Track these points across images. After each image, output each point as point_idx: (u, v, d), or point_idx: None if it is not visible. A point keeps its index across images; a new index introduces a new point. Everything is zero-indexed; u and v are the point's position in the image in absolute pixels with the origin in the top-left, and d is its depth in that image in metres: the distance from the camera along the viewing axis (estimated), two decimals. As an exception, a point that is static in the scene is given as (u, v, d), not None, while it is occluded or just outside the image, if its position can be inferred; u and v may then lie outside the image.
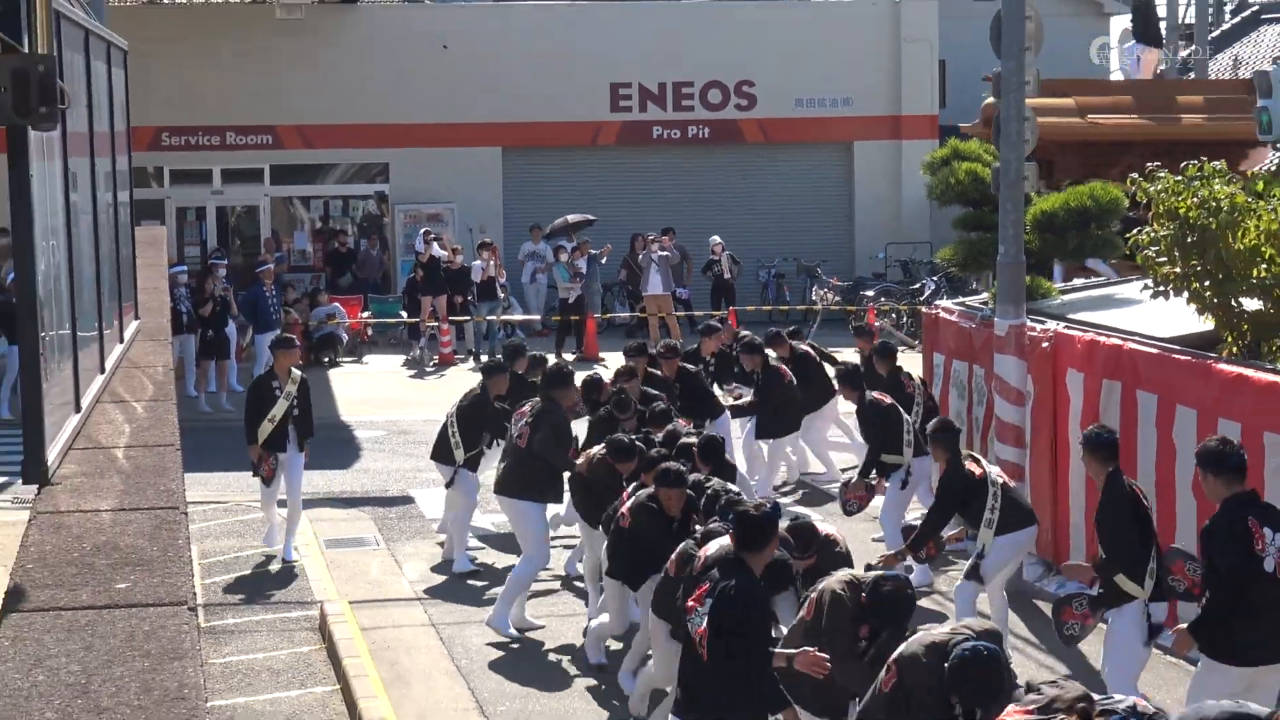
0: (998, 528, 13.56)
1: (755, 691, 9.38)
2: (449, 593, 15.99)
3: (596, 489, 14.25)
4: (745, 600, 9.24)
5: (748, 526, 9.59)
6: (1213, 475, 10.49)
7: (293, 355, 17.46)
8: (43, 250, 7.07)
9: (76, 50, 8.35)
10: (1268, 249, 14.94)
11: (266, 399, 16.75)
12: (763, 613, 9.53)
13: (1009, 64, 16.92)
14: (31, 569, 5.86)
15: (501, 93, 36.90)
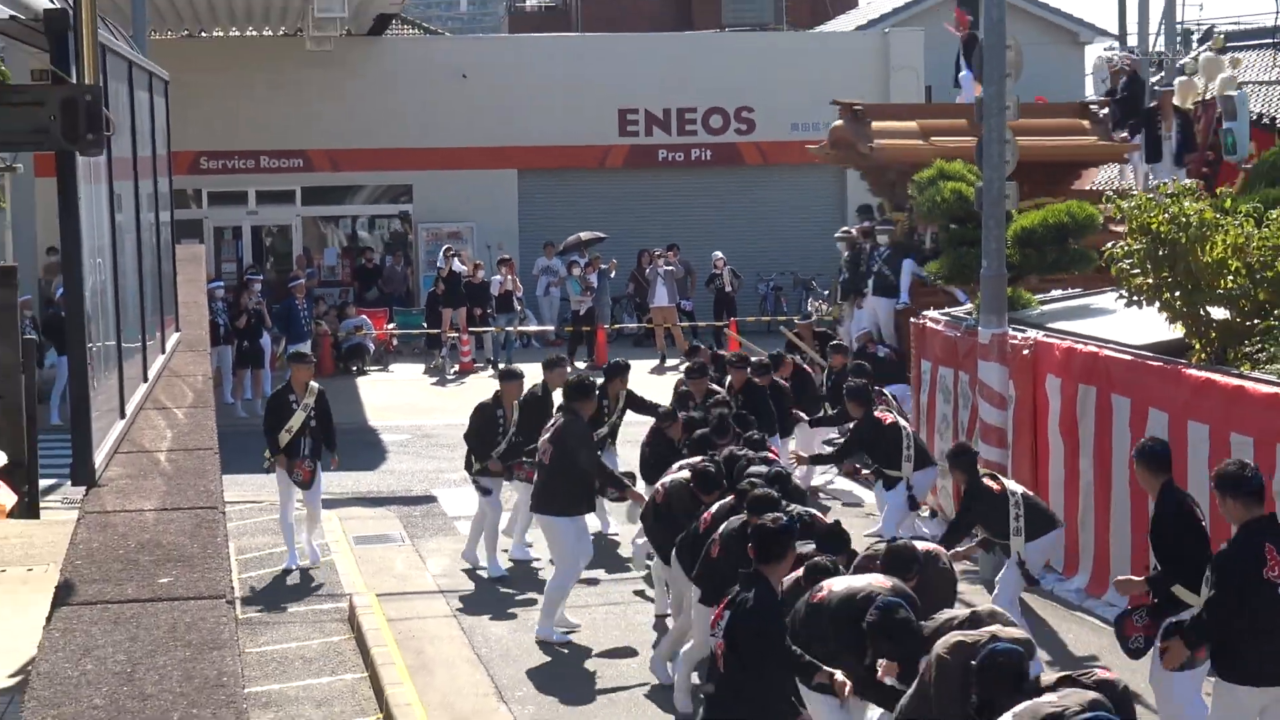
0: (1027, 535, 13.38)
1: (773, 703, 9.19)
2: (470, 586, 15.98)
3: (675, 516, 13.30)
4: (761, 613, 9.03)
5: (765, 539, 9.38)
6: (1231, 498, 10.08)
7: (308, 370, 17.06)
8: (90, 267, 7.08)
9: (121, 80, 8.35)
10: (1233, 262, 14.92)
11: (284, 411, 16.53)
12: (779, 624, 9.28)
13: (990, 90, 16.91)
14: (80, 565, 5.87)
15: (516, 119, 36.92)
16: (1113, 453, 14.94)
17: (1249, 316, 14.93)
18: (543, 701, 12.74)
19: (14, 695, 8.97)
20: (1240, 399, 13.16)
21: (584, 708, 12.61)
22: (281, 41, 37.44)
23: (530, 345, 34.18)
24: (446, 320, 31.95)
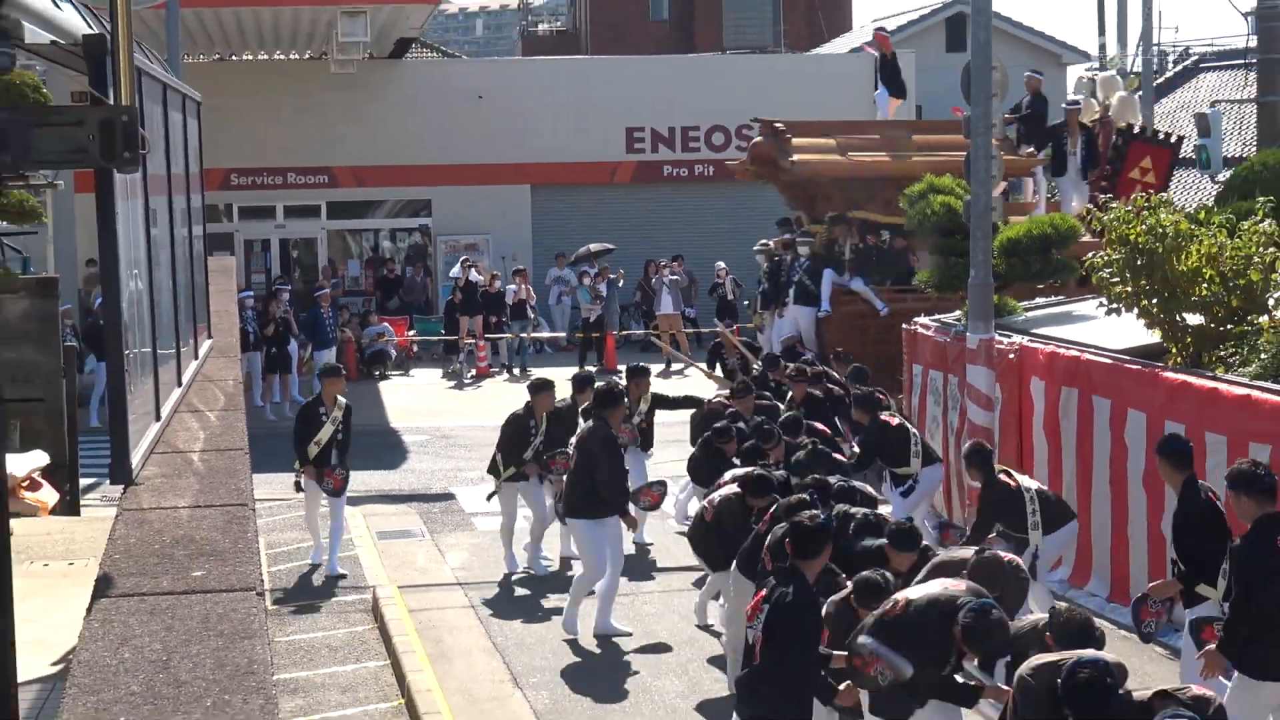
0: (1044, 529, 13.16)
1: (805, 692, 9.11)
2: (487, 579, 15.97)
3: (727, 530, 12.64)
4: (799, 606, 8.91)
5: (802, 536, 9.25)
6: (1245, 496, 9.91)
7: (339, 384, 16.68)
8: (127, 278, 7.09)
9: (156, 102, 8.37)
10: (1208, 270, 14.92)
11: (314, 423, 16.21)
12: (815, 618, 9.15)
13: (977, 109, 16.91)
14: (118, 559, 5.87)
15: (530, 137, 36.94)
16: (1094, 451, 14.94)
17: (1222, 322, 14.92)
18: (556, 688, 12.73)
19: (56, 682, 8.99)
20: (1214, 400, 13.15)
21: (595, 694, 12.60)
22: (307, 65, 37.50)
23: (543, 351, 34.27)
24: (464, 328, 31.99)
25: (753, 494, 12.40)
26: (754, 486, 12.45)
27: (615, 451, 14.26)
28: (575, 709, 12.25)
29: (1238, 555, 9.93)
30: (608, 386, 15.08)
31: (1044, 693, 8.08)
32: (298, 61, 37.93)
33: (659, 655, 13.42)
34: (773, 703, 9.02)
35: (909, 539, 10.85)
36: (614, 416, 14.43)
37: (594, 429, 14.22)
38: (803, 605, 8.96)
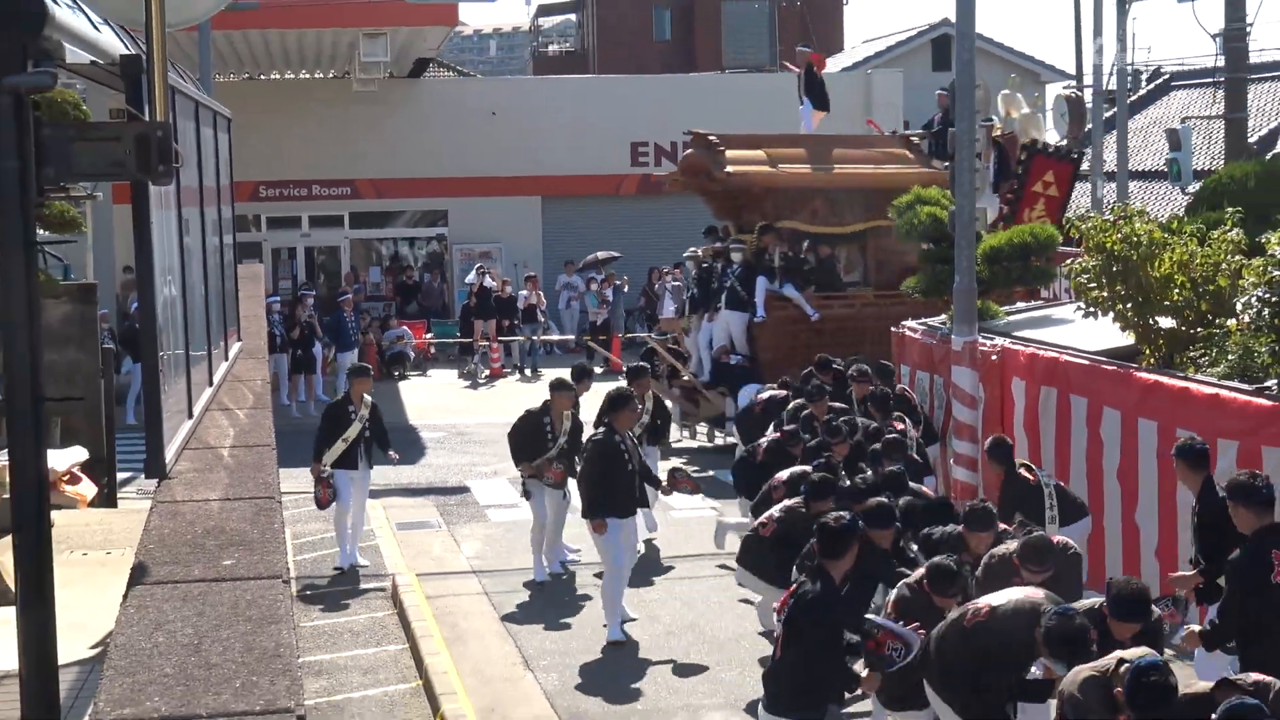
0: (1060, 522, 12.92)
1: (825, 688, 8.97)
2: (500, 567, 15.98)
3: (795, 541, 11.74)
4: (821, 604, 8.73)
5: (828, 536, 9.07)
6: (1243, 507, 9.74)
7: (366, 383, 16.31)
8: (161, 284, 7.08)
9: (188, 118, 8.37)
10: (1179, 277, 14.92)
11: (342, 421, 15.87)
12: (836, 616, 8.94)
13: (962, 125, 16.90)
14: (153, 549, 5.87)
15: (540, 152, 36.96)
16: (1071, 447, 14.93)
17: (1193, 325, 14.91)
18: (565, 669, 12.74)
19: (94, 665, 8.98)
20: (1185, 399, 13.15)
21: (602, 676, 12.61)
22: (331, 83, 37.52)
23: (553, 353, 34.29)
24: (478, 330, 32.05)
25: (815, 498, 11.97)
26: (816, 490, 12.07)
27: (602, 459, 13.47)
28: (583, 689, 12.27)
29: (1235, 565, 9.70)
30: (616, 391, 14.36)
31: (1097, 705, 7.76)
32: (322, 80, 37.95)
33: (663, 640, 13.42)
34: (793, 697, 8.88)
35: (985, 519, 10.73)
36: (620, 420, 13.78)
37: (596, 435, 13.88)
38: (825, 603, 8.79)
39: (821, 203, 22.92)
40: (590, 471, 13.62)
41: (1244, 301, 13.30)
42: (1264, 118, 31.80)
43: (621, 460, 13.48)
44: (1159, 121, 36.01)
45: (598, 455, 13.47)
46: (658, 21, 56.35)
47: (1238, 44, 25.94)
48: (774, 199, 23.11)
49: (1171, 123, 32.88)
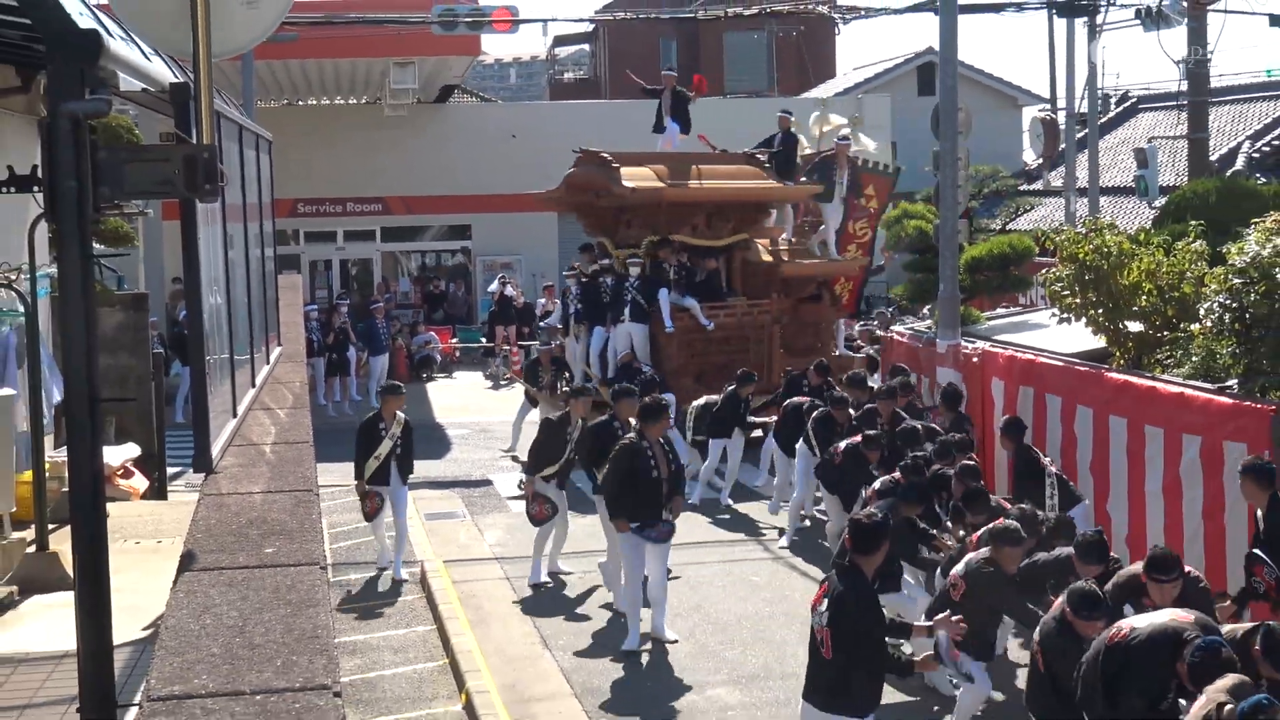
0: (1060, 508, 12.68)
1: (872, 686, 8.49)
2: (520, 554, 15.95)
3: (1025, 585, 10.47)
4: (859, 601, 8.29)
5: (860, 533, 8.59)
6: None
7: (399, 401, 15.18)
8: (207, 294, 7.09)
9: (232, 140, 8.37)
10: (1147, 285, 14.91)
11: (374, 438, 14.87)
12: (875, 610, 8.44)
13: (945, 144, 16.91)
14: (200, 538, 5.87)
15: (557, 171, 36.77)
16: (1046, 441, 14.91)
17: (1159, 330, 14.91)
18: (580, 649, 12.72)
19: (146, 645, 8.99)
20: (1152, 397, 13.13)
21: (614, 655, 12.58)
22: (364, 108, 37.55)
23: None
24: (500, 336, 32.14)
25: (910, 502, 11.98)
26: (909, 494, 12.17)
27: (620, 463, 12.69)
28: (596, 668, 12.23)
29: None
30: (653, 400, 13.48)
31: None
32: (355, 106, 37.99)
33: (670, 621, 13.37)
34: (843, 692, 8.42)
35: (1097, 551, 9.85)
36: (651, 430, 12.84)
37: (626, 438, 13.03)
38: (862, 602, 8.37)
39: (701, 217, 22.25)
40: (612, 473, 12.84)
41: (1206, 307, 13.28)
42: (1224, 138, 31.75)
43: (647, 466, 12.61)
44: (1127, 141, 35.97)
45: (622, 457, 12.70)
46: (664, 51, 56.31)
47: (1199, 70, 25.92)
48: (666, 214, 21.99)
49: (1139, 142, 32.82)
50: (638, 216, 22.05)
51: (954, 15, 16.69)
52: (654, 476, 12.64)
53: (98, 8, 6.65)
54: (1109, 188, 33.60)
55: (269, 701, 3.97)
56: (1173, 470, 12.70)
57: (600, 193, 22.23)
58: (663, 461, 12.81)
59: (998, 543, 10.02)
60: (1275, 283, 12.00)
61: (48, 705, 8.93)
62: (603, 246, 22.67)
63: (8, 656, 10.02)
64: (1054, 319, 16.58)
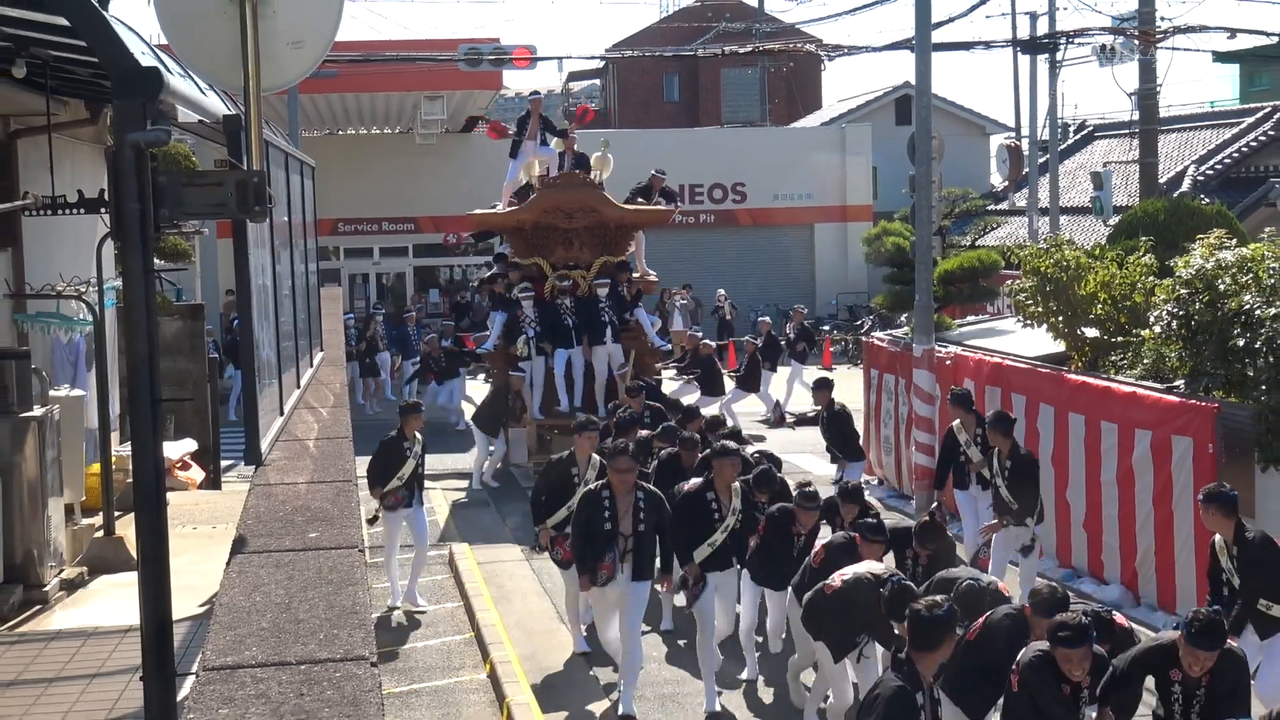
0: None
1: None
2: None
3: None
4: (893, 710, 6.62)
5: (922, 627, 6.82)
6: None
7: (419, 420, 13.34)
8: (257, 304, 7.09)
9: (279, 167, 8.38)
10: (1102, 295, 14.91)
11: (396, 458, 12.96)
12: None
13: (921, 169, 16.89)
14: (251, 524, 5.88)
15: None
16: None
17: (1113, 335, 14.91)
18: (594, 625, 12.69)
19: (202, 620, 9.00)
20: (1107, 396, 13.13)
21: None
22: (397, 137, 37.59)
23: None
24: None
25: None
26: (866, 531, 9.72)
27: (579, 512, 10.28)
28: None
29: None
30: (721, 445, 11.09)
31: None
32: (389, 135, 38.01)
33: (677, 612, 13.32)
34: None
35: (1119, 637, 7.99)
36: (722, 474, 10.72)
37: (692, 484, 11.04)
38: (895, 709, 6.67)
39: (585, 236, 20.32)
40: (675, 521, 10.47)
41: (1156, 315, 13.28)
42: (1171, 162, 31.71)
43: (601, 519, 9.99)
44: (1085, 166, 35.93)
45: (579, 506, 10.32)
46: (668, 85, 56.34)
47: (1150, 101, 25.90)
48: (614, 235, 20.31)
49: (1095, 167, 32.82)
50: (579, 238, 20.08)
51: (928, 53, 16.68)
52: (607, 530, 10.00)
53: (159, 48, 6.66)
54: (1068, 208, 33.57)
55: (312, 671, 3.97)
56: (1126, 462, 12.71)
57: (575, 213, 19.88)
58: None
59: None
60: (1217, 293, 12.00)
61: (115, 674, 8.95)
62: (538, 267, 20.06)
63: (79, 630, 10.04)
64: (1019, 325, 16.60)
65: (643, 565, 10.16)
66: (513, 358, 19.53)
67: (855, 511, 10.69)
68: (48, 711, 8.29)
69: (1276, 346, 11.05)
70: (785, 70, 51.70)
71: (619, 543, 10.02)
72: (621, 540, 10.03)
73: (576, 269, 20.00)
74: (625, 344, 19.77)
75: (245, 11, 5.81)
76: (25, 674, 8.98)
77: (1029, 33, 32.33)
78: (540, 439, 19.57)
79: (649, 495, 10.15)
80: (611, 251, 20.23)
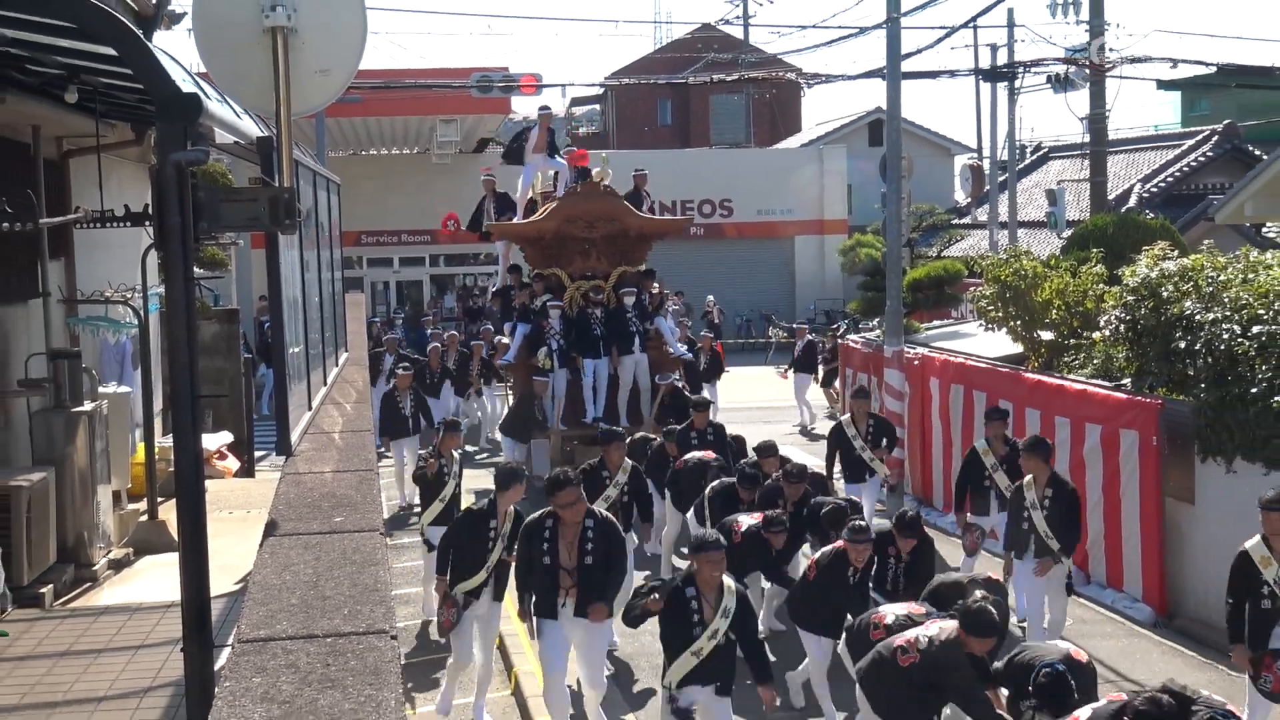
0: None
1: None
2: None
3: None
4: None
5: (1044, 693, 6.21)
6: None
7: (456, 438, 11.61)
8: (287, 309, 7.09)
9: (308, 184, 8.37)
10: (1056, 301, 14.92)
11: (436, 481, 11.29)
12: None
13: (891, 186, 16.89)
14: (282, 509, 5.87)
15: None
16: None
17: (1067, 338, 14.91)
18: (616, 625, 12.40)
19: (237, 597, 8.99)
20: (1060, 393, 13.14)
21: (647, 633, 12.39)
22: (415, 157, 37.55)
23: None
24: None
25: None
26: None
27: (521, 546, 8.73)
28: (630, 643, 11.15)
29: None
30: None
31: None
32: (408, 155, 37.98)
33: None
34: None
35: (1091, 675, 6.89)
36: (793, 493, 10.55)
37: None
38: None
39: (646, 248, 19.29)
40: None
41: (1105, 320, 13.29)
42: (1119, 181, 31.74)
43: (540, 551, 8.44)
44: (1040, 184, 35.96)
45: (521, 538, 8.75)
46: (661, 110, 56.36)
47: (1099, 125, 25.93)
48: (640, 246, 18.96)
49: (1050, 184, 32.83)
50: (598, 248, 18.48)
51: (898, 81, 16.69)
52: (546, 564, 8.35)
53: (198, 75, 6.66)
54: (1025, 222, 33.59)
55: (337, 643, 3.97)
56: (1078, 453, 12.72)
57: (596, 222, 18.24)
58: (570, 547, 8.36)
59: None
60: (1161, 300, 12.01)
61: (159, 645, 8.94)
62: (556, 277, 18.45)
63: (126, 605, 10.03)
64: (980, 329, 16.61)
65: (591, 600, 8.29)
66: (534, 369, 17.69)
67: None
68: (97, 679, 8.29)
69: (1214, 348, 11.06)
70: (768, 96, 51.74)
71: (560, 578, 8.32)
72: (564, 575, 8.34)
73: (595, 279, 18.45)
74: (649, 354, 18.13)
75: (277, 43, 5.81)
76: (76, 645, 8.98)
77: (990, 63, 32.35)
78: (562, 449, 17.51)
79: (599, 524, 8.41)
80: (629, 261, 18.80)
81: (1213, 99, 40.05)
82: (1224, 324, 11.00)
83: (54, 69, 8.98)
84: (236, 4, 5.81)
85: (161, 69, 5.39)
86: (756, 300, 38.42)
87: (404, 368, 17.23)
